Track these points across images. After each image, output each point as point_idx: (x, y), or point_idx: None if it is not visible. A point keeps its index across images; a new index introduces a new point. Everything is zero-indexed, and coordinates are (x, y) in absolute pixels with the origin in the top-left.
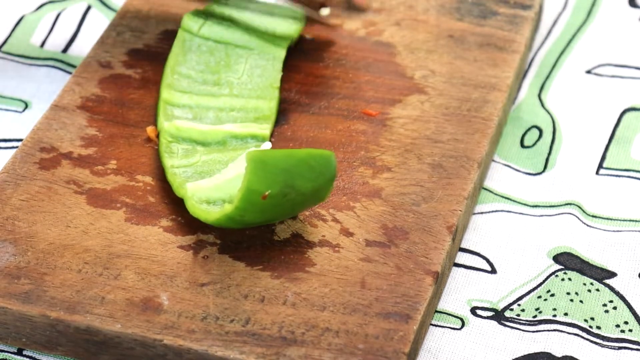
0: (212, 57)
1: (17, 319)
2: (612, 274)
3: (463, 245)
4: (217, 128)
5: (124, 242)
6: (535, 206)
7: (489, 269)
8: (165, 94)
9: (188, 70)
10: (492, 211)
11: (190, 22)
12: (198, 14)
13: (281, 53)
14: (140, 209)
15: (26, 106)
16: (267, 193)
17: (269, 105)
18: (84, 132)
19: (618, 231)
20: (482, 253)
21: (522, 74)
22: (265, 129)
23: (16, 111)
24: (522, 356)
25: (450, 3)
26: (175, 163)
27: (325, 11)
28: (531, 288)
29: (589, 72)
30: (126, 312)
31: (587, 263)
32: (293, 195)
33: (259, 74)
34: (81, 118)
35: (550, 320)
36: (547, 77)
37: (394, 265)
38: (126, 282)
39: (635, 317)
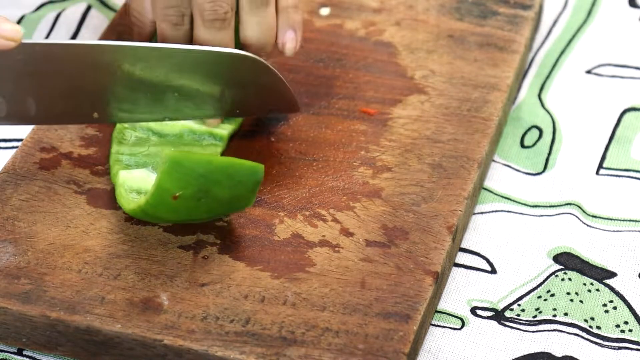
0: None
1: (17, 319)
2: (612, 274)
3: (463, 245)
4: (177, 122)
5: (124, 242)
6: (535, 206)
7: (489, 269)
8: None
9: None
10: (492, 211)
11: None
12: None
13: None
14: None
15: None
16: (177, 194)
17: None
18: (84, 132)
19: (618, 231)
20: (482, 253)
21: (522, 74)
22: (225, 129)
23: None
24: (522, 356)
25: (450, 3)
26: (121, 150)
27: (325, 11)
28: (531, 288)
29: (589, 72)
30: (126, 312)
31: (587, 263)
32: (208, 201)
33: None
34: None
35: (550, 320)
36: (547, 77)
37: (394, 265)
38: (126, 282)
39: (635, 317)
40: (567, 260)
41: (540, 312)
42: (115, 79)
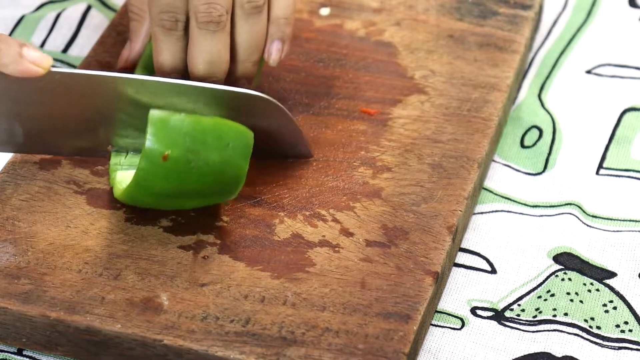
0: None
1: (17, 319)
2: (612, 274)
3: (463, 245)
4: None
5: (124, 242)
6: (535, 206)
7: (489, 269)
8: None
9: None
10: (492, 211)
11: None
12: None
13: None
14: (140, 209)
15: None
16: (166, 153)
17: None
18: None
19: (618, 231)
20: (482, 253)
21: (522, 74)
22: None
23: None
24: (522, 356)
25: (450, 3)
26: (120, 161)
27: (325, 11)
28: (531, 288)
29: (589, 72)
30: (126, 312)
31: (587, 263)
32: (199, 164)
33: None
34: None
35: (550, 320)
36: (547, 77)
37: (394, 266)
38: (126, 282)
39: (635, 317)
40: (567, 260)
41: (540, 312)
42: (130, 111)
